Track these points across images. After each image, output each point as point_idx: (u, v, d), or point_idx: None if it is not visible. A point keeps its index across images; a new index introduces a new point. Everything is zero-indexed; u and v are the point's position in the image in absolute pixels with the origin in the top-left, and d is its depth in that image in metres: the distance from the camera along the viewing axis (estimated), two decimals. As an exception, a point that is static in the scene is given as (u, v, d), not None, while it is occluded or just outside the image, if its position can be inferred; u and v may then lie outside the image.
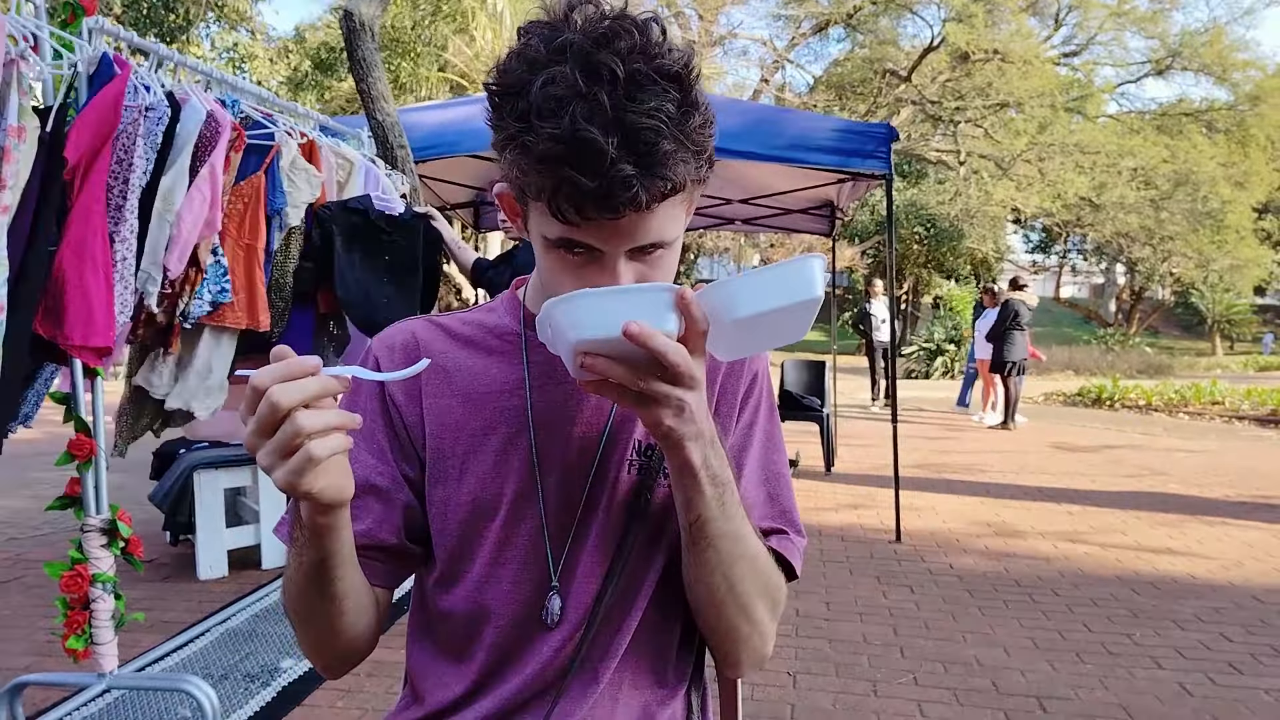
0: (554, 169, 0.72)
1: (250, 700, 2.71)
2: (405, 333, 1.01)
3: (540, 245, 0.84)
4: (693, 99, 0.75)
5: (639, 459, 0.96)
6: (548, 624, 0.93)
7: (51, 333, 2.18)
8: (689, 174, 0.77)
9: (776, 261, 0.74)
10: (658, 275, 0.84)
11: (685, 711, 1.05)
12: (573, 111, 0.70)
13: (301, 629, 0.90)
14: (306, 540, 0.78)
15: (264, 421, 0.66)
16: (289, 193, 3.01)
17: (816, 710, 2.74)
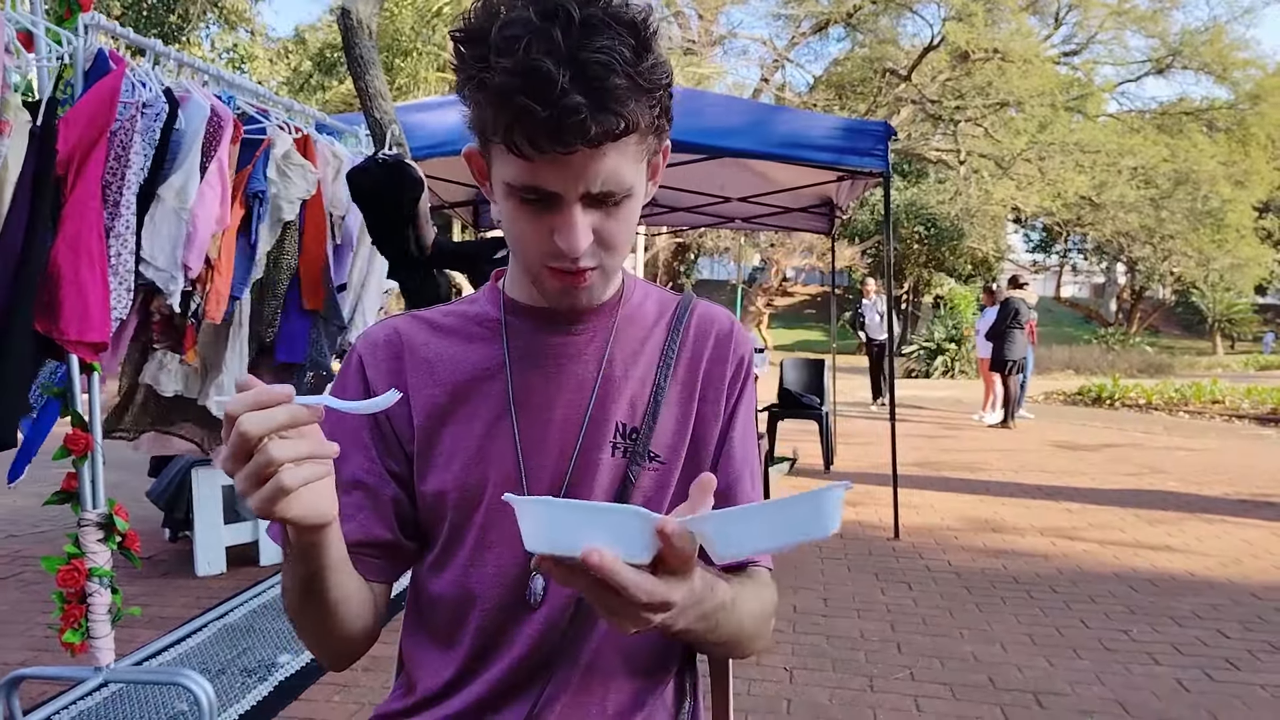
0: (508, 99, 0.74)
1: (247, 695, 2.71)
2: (388, 329, 1.02)
3: (502, 193, 0.84)
4: (646, 45, 0.77)
5: (623, 441, 0.96)
6: (531, 604, 0.94)
7: (47, 328, 2.19)
8: (641, 114, 0.78)
9: (786, 496, 0.62)
10: (616, 227, 0.85)
11: (676, 694, 1.05)
12: (526, 44, 0.72)
13: (302, 630, 0.91)
14: (295, 556, 0.78)
15: (235, 449, 0.66)
16: (284, 187, 3.02)
17: (813, 705, 2.74)
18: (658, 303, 1.06)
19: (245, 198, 2.90)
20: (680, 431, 0.99)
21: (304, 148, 3.16)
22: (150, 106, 2.47)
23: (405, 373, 0.97)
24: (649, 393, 0.99)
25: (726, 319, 1.06)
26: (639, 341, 1.01)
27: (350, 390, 0.98)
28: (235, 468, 0.67)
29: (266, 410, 0.66)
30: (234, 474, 0.68)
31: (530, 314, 0.98)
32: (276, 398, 0.67)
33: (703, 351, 1.02)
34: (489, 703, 0.96)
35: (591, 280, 0.88)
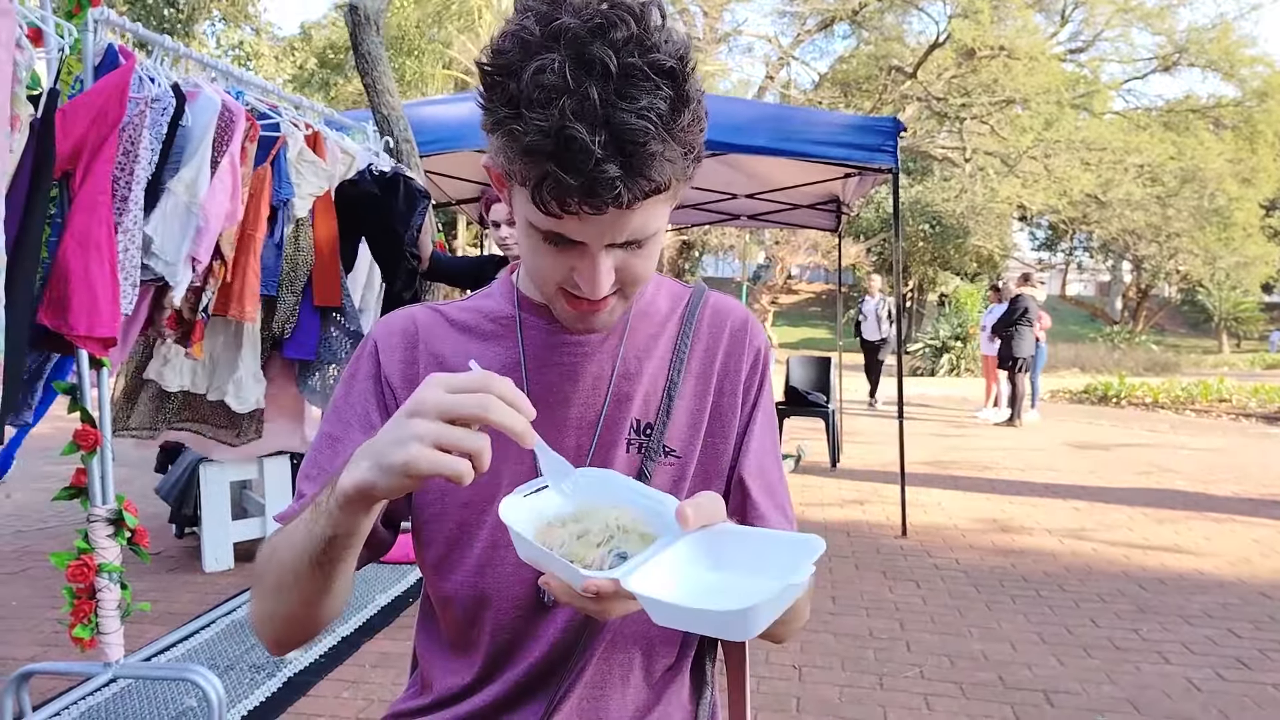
0: (539, 162, 0.72)
1: (256, 690, 2.71)
2: (405, 319, 1.01)
3: (523, 226, 0.83)
4: (685, 95, 0.74)
5: (638, 438, 0.96)
6: (546, 603, 0.93)
7: (56, 323, 2.18)
8: (675, 174, 0.76)
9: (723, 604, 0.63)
10: (639, 265, 0.83)
11: (694, 688, 1.05)
12: (561, 106, 0.69)
13: (273, 597, 0.86)
14: (334, 511, 0.75)
15: (461, 411, 0.67)
16: (296, 184, 3.03)
17: (823, 703, 2.73)
18: (669, 296, 1.05)
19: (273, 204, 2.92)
20: (695, 425, 0.98)
21: (314, 144, 3.15)
22: (158, 101, 2.47)
23: (419, 363, 0.97)
24: (662, 388, 0.98)
25: (740, 312, 1.05)
26: (651, 337, 1.00)
27: (361, 375, 0.97)
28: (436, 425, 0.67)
29: (516, 413, 0.68)
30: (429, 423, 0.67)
31: (545, 312, 0.97)
32: (528, 411, 0.70)
33: (717, 345, 1.01)
34: (507, 702, 0.95)
35: (610, 307, 0.87)
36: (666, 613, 0.65)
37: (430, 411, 0.67)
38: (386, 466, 0.68)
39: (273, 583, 0.85)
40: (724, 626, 0.63)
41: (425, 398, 0.68)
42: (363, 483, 0.70)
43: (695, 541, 0.72)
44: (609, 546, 0.72)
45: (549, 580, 0.69)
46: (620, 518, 0.75)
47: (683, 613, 0.64)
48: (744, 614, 0.61)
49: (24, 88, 2.06)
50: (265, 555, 0.87)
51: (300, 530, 0.80)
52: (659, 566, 0.69)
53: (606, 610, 0.69)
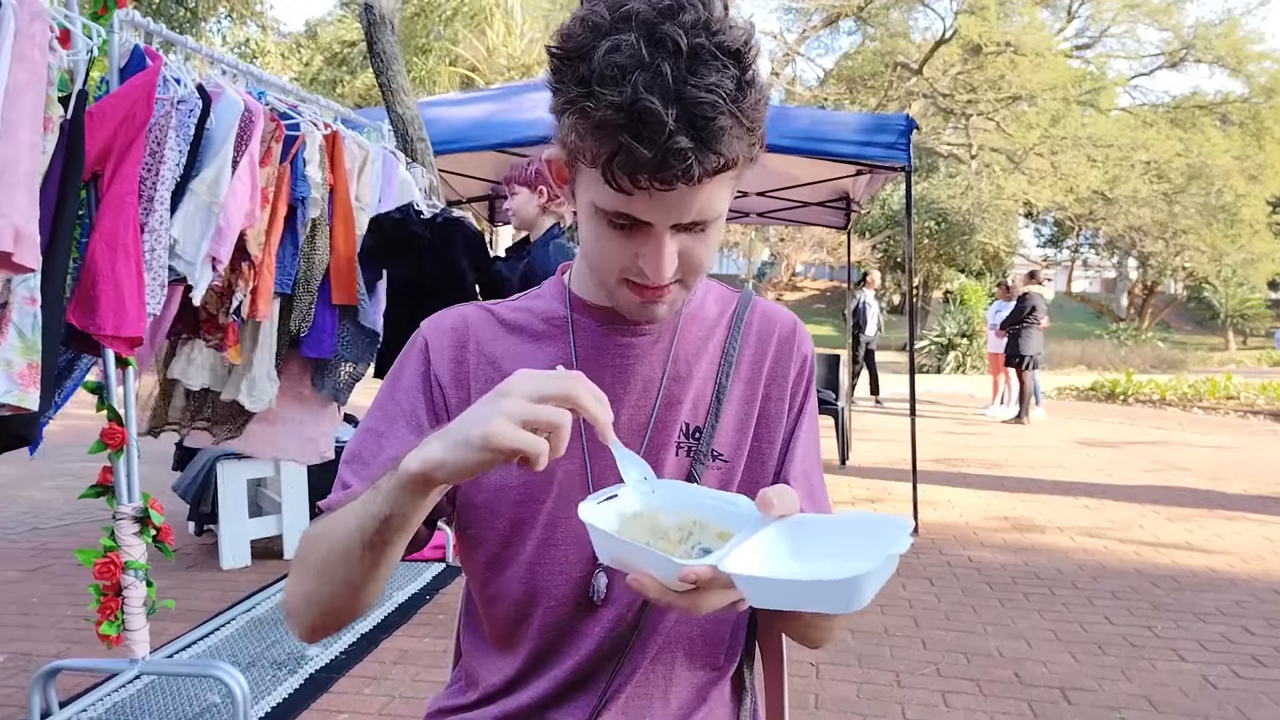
0: (612, 136, 0.73)
1: (279, 687, 2.73)
2: (456, 317, 1.01)
3: (587, 212, 0.84)
4: (750, 77, 0.76)
5: (688, 441, 0.97)
6: (595, 601, 0.94)
7: (84, 323, 2.20)
8: (742, 151, 0.78)
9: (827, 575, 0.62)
10: (701, 250, 0.85)
11: (736, 689, 1.06)
12: (635, 81, 0.71)
13: (316, 577, 0.86)
14: (394, 490, 0.76)
15: (550, 391, 0.70)
16: (317, 185, 3.04)
17: (841, 700, 2.75)
18: (718, 300, 1.06)
19: (290, 199, 2.93)
20: (743, 430, 0.99)
21: (333, 143, 3.16)
22: (184, 102, 2.48)
23: (469, 363, 0.97)
24: (711, 392, 0.99)
25: (789, 319, 1.06)
26: (701, 341, 1.01)
27: (409, 371, 0.98)
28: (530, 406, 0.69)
29: (603, 407, 0.73)
30: (523, 403, 0.69)
31: (597, 313, 0.98)
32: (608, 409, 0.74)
33: (766, 351, 1.02)
34: (554, 699, 0.96)
35: (671, 294, 0.88)
36: (769, 591, 0.65)
37: (519, 391, 0.70)
38: (464, 441, 0.70)
39: (318, 563, 0.85)
40: (831, 598, 0.63)
41: (515, 381, 0.71)
42: (430, 460, 0.72)
43: (779, 529, 0.73)
44: (689, 543, 0.74)
45: (639, 578, 0.69)
46: (696, 516, 0.77)
47: (788, 588, 0.64)
48: (852, 583, 0.61)
49: (56, 89, 2.08)
50: (311, 536, 0.88)
51: (354, 511, 0.81)
52: (748, 552, 0.70)
53: (699, 604, 0.69)
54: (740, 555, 0.68)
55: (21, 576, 3.87)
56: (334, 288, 3.23)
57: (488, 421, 0.68)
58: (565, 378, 0.71)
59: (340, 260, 3.22)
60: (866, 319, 11.39)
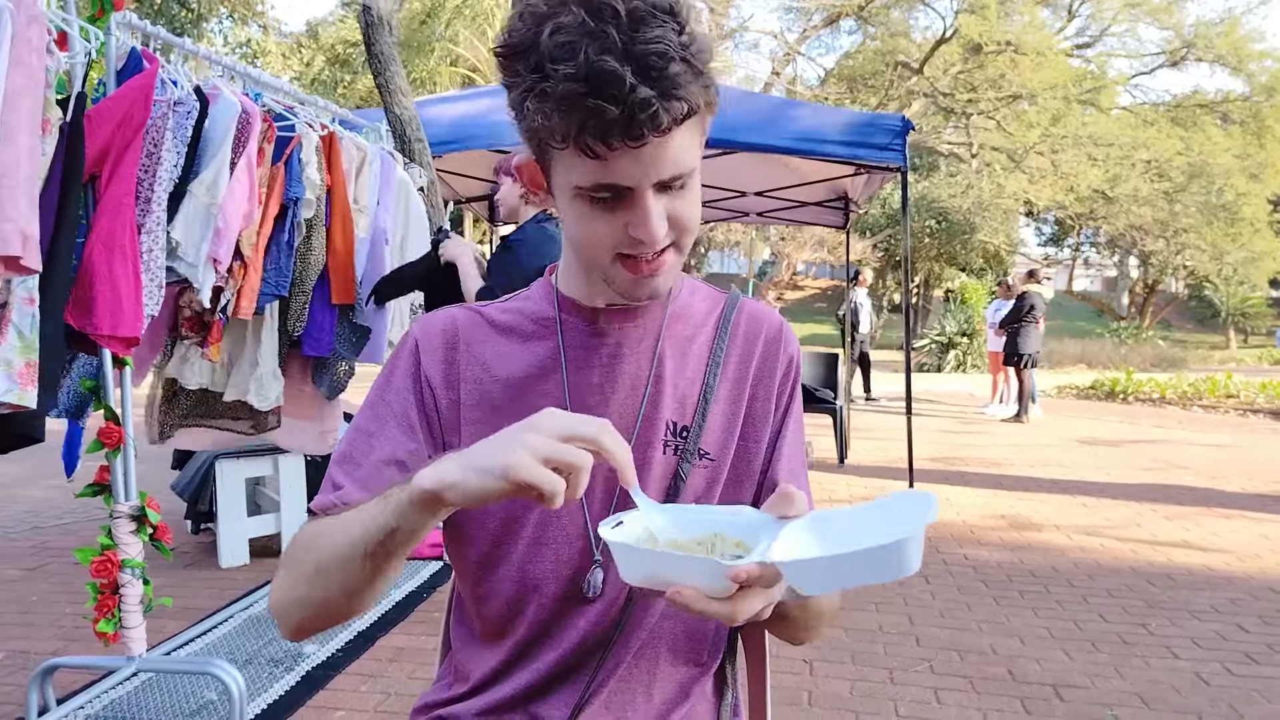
0: (577, 104, 0.75)
1: (275, 684, 2.75)
2: (446, 319, 1.02)
3: (568, 198, 0.86)
4: (690, 30, 0.79)
5: (674, 439, 0.98)
6: (589, 597, 0.95)
7: (81, 322, 2.22)
8: (699, 94, 0.80)
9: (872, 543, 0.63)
10: (685, 207, 0.86)
11: (718, 686, 1.08)
12: (585, 49, 0.74)
13: (311, 582, 0.86)
14: (404, 504, 0.77)
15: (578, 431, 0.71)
16: (307, 184, 3.03)
17: (834, 697, 2.77)
18: (705, 299, 1.07)
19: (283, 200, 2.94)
20: (729, 430, 1.01)
21: (329, 144, 3.18)
22: (182, 104, 2.50)
23: (459, 364, 0.99)
24: (699, 391, 1.00)
25: (775, 319, 1.08)
26: (688, 340, 1.03)
27: (400, 372, 0.99)
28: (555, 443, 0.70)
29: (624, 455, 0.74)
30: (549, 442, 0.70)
31: (585, 313, 1.00)
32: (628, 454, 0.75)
33: (753, 352, 1.04)
34: (537, 690, 0.97)
35: (668, 263, 0.89)
36: (820, 573, 0.65)
37: (545, 429, 0.71)
38: (484, 468, 0.71)
39: (313, 567, 0.86)
40: (882, 566, 0.63)
41: (544, 417, 0.72)
42: (444, 481, 0.73)
43: (801, 525, 0.74)
44: (715, 554, 0.75)
45: (679, 592, 0.69)
46: (712, 530, 0.78)
47: (838, 564, 0.64)
48: (899, 546, 0.62)
49: (54, 92, 2.09)
50: (307, 539, 0.88)
51: (357, 519, 0.82)
52: (786, 546, 0.70)
53: (739, 610, 0.70)
54: (780, 549, 0.70)
55: (21, 575, 3.89)
56: (334, 287, 3.24)
57: (510, 453, 0.69)
58: (593, 422, 0.73)
59: (339, 260, 3.24)
60: (859, 318, 11.38)
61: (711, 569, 0.68)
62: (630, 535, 0.76)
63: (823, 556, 0.65)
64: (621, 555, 0.72)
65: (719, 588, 0.68)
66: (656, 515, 0.79)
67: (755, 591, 0.70)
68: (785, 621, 0.96)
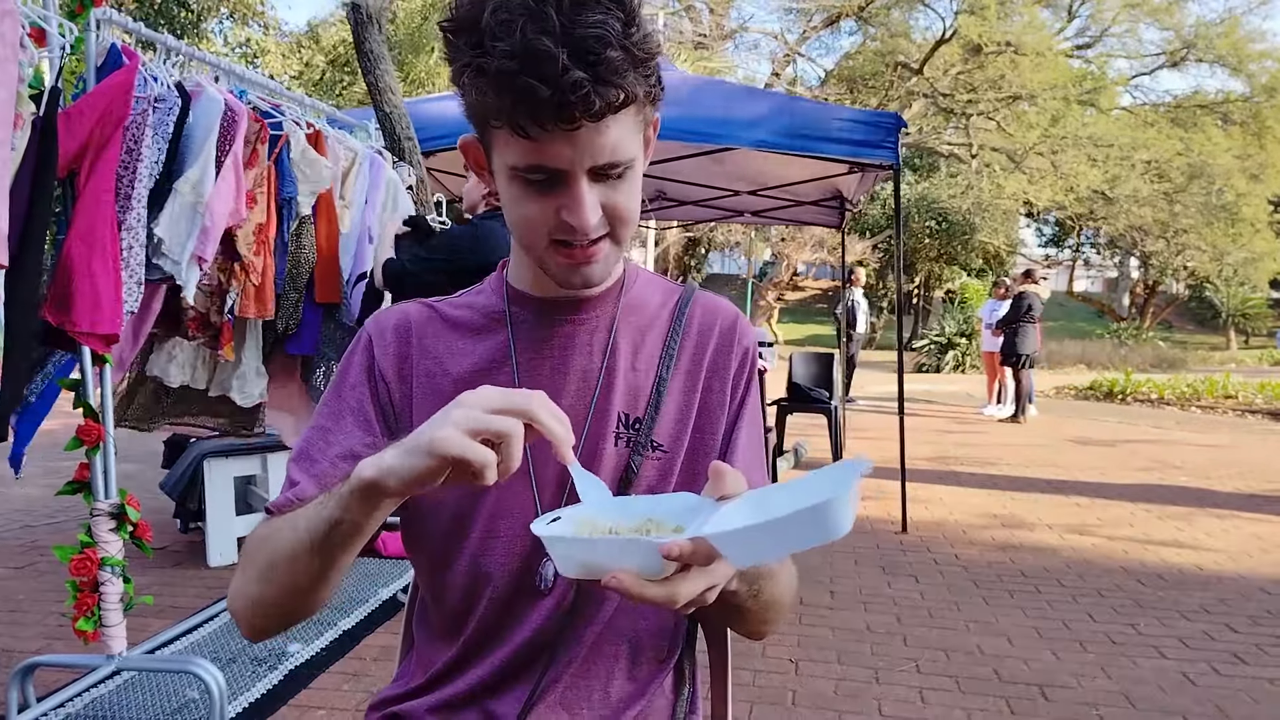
0: (510, 82, 0.75)
1: (258, 683, 2.74)
2: (399, 314, 1.03)
3: (506, 178, 0.86)
4: (635, 18, 0.78)
5: (626, 431, 0.98)
6: (541, 590, 0.95)
7: (59, 319, 2.21)
8: (637, 84, 0.79)
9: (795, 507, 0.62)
10: (622, 199, 0.86)
11: (676, 680, 1.07)
12: (523, 27, 0.74)
13: (261, 580, 0.86)
14: (345, 496, 0.76)
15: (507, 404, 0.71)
16: (299, 182, 3.05)
17: (818, 696, 2.76)
18: (660, 291, 1.07)
19: (278, 202, 2.95)
20: (683, 421, 1.00)
21: (315, 142, 3.18)
22: (163, 101, 2.49)
23: (411, 358, 0.99)
24: (652, 383, 1.00)
25: (730, 311, 1.07)
26: (641, 331, 1.02)
27: (355, 367, 0.99)
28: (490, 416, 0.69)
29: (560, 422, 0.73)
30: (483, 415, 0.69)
31: (533, 304, 1.00)
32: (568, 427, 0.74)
33: (707, 343, 1.03)
34: (490, 686, 0.97)
35: (602, 253, 0.89)
36: (751, 542, 0.64)
37: (473, 402, 0.71)
38: (412, 448, 0.71)
39: (264, 565, 0.86)
40: (811, 528, 0.61)
41: (472, 393, 0.72)
42: (381, 467, 0.72)
43: (740, 502, 0.73)
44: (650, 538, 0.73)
45: (614, 577, 0.67)
46: (648, 516, 0.77)
47: (767, 531, 0.62)
48: (825, 507, 0.60)
49: (26, 86, 2.09)
50: (259, 538, 0.88)
51: (304, 514, 0.82)
52: (721, 521, 0.69)
53: (678, 592, 0.68)
54: (714, 523, 0.68)
55: (9, 573, 3.88)
56: (319, 286, 3.25)
57: (437, 429, 0.69)
58: (523, 393, 0.72)
59: (324, 258, 3.24)
60: (856, 317, 11.35)
61: (644, 549, 0.67)
62: (562, 528, 0.75)
63: (749, 525, 0.64)
64: (554, 548, 0.71)
65: (654, 568, 0.67)
66: (594, 492, 0.79)
67: (695, 573, 0.68)
68: (740, 613, 0.95)
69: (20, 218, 2.07)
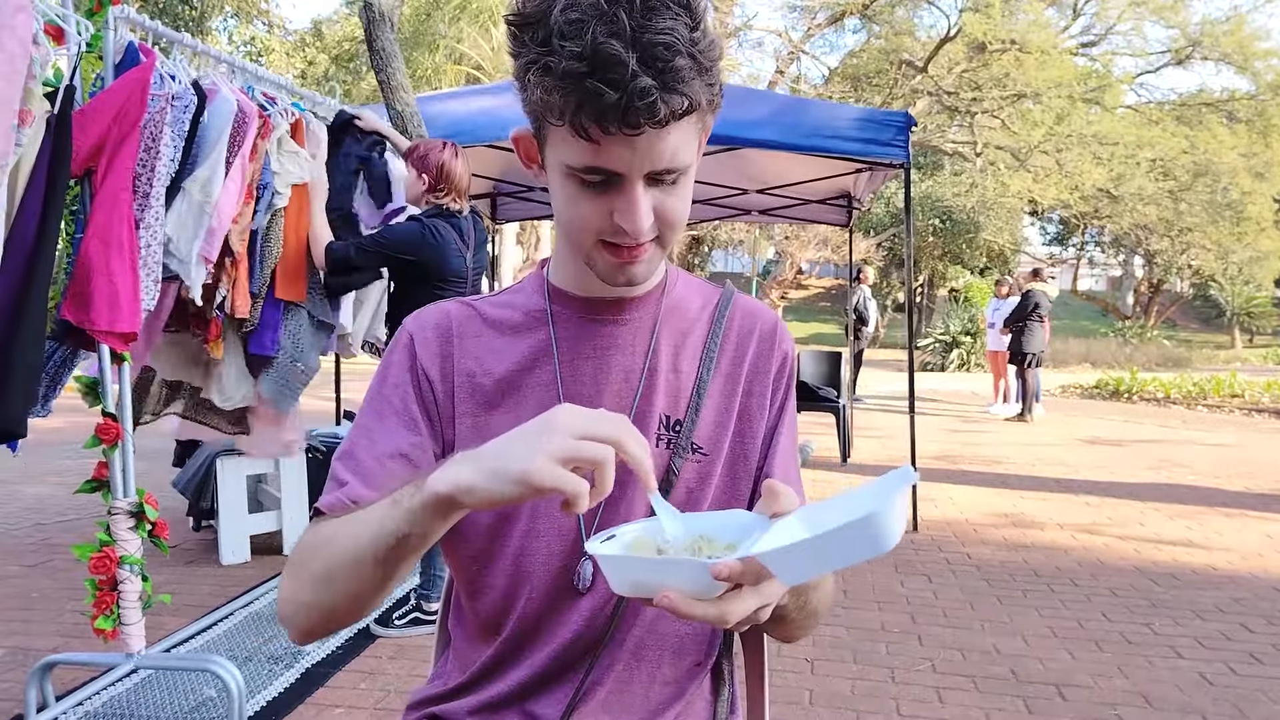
0: (577, 83, 0.75)
1: (274, 681, 2.74)
2: (439, 313, 1.02)
3: (559, 176, 0.85)
4: (703, 26, 0.78)
5: (666, 433, 0.97)
6: (579, 589, 0.94)
7: (79, 318, 2.21)
8: (701, 92, 0.79)
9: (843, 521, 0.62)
10: (674, 204, 0.86)
11: (714, 683, 1.06)
12: (594, 29, 0.73)
13: (319, 586, 0.85)
14: (416, 510, 0.75)
15: (597, 432, 0.69)
16: (277, 173, 2.96)
17: (835, 695, 2.75)
18: (699, 294, 1.07)
19: (256, 189, 2.88)
20: (722, 424, 1.00)
21: (294, 131, 3.11)
22: (179, 99, 2.49)
23: (453, 356, 0.98)
24: (692, 385, 0.99)
25: (770, 316, 1.07)
26: (682, 334, 1.02)
27: (396, 367, 0.99)
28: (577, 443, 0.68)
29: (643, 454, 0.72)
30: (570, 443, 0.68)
31: (576, 303, 0.99)
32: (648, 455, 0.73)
33: (747, 347, 1.03)
34: (530, 689, 0.96)
35: (648, 253, 0.88)
36: (798, 559, 0.63)
37: (563, 428, 0.69)
38: (500, 472, 0.69)
39: (321, 572, 0.84)
40: (858, 543, 0.62)
41: (561, 416, 0.70)
42: (460, 485, 0.71)
43: (792, 520, 0.72)
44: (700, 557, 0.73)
45: (665, 596, 0.67)
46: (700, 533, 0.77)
47: (814, 547, 0.63)
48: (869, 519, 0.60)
49: (39, 84, 2.08)
50: (314, 543, 0.87)
51: (366, 523, 0.80)
52: (772, 540, 0.69)
53: (729, 612, 0.67)
54: (765, 541, 0.68)
55: (23, 571, 3.89)
56: (280, 282, 3.03)
57: (530, 459, 0.67)
58: (612, 419, 0.71)
59: (291, 254, 3.05)
60: (868, 313, 11.34)
61: (694, 569, 0.67)
62: (615, 547, 0.75)
63: (797, 542, 0.64)
64: (606, 566, 0.71)
65: (706, 588, 0.67)
66: (673, 523, 0.77)
67: (746, 592, 0.68)
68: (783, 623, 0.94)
69: (35, 215, 2.07)
